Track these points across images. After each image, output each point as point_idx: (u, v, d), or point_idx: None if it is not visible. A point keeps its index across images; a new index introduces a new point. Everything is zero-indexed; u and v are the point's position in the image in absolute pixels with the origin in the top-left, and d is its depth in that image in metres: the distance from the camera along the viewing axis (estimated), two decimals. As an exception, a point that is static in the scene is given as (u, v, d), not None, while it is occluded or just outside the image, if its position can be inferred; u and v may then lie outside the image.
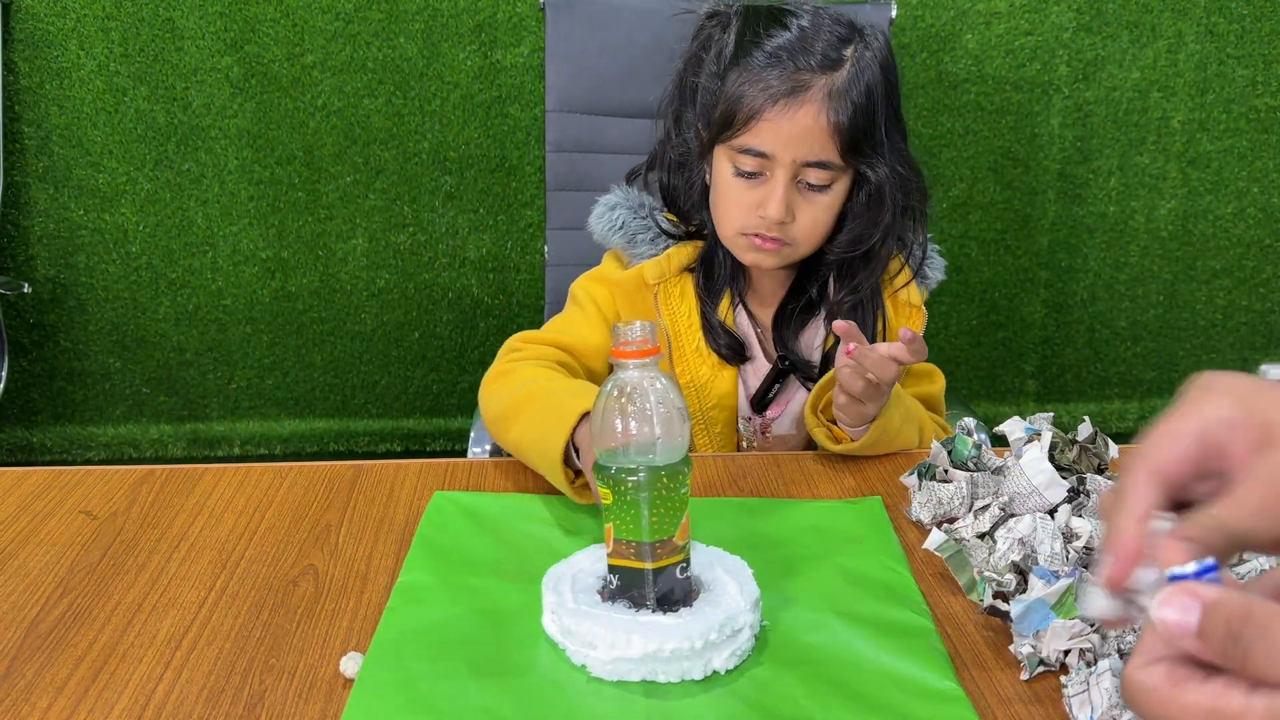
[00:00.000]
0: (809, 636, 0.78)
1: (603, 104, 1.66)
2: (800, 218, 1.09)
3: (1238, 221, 2.48)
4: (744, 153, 1.07)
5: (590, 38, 1.65)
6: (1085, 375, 2.61)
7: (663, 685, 0.73)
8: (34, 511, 0.96)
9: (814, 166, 1.06)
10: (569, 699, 0.72)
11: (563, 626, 0.76)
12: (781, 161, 1.06)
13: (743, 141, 1.06)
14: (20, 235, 2.30)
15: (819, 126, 1.04)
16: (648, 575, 0.75)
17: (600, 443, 0.76)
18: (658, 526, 0.74)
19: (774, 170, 1.06)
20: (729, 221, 1.11)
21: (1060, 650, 0.75)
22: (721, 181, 1.11)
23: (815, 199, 1.09)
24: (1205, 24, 2.30)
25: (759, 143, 1.05)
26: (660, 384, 0.75)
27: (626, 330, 0.75)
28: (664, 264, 1.17)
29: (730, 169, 1.09)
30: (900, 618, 0.81)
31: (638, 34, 1.61)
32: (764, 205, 1.07)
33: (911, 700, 0.72)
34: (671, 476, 0.74)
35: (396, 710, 0.71)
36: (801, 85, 1.04)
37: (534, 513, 0.95)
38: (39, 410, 2.45)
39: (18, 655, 0.77)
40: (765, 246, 1.10)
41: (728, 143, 1.08)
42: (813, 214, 1.09)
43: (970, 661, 0.77)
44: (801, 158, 1.06)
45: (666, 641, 0.72)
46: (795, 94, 1.04)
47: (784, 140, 1.05)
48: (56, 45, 2.18)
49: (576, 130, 1.68)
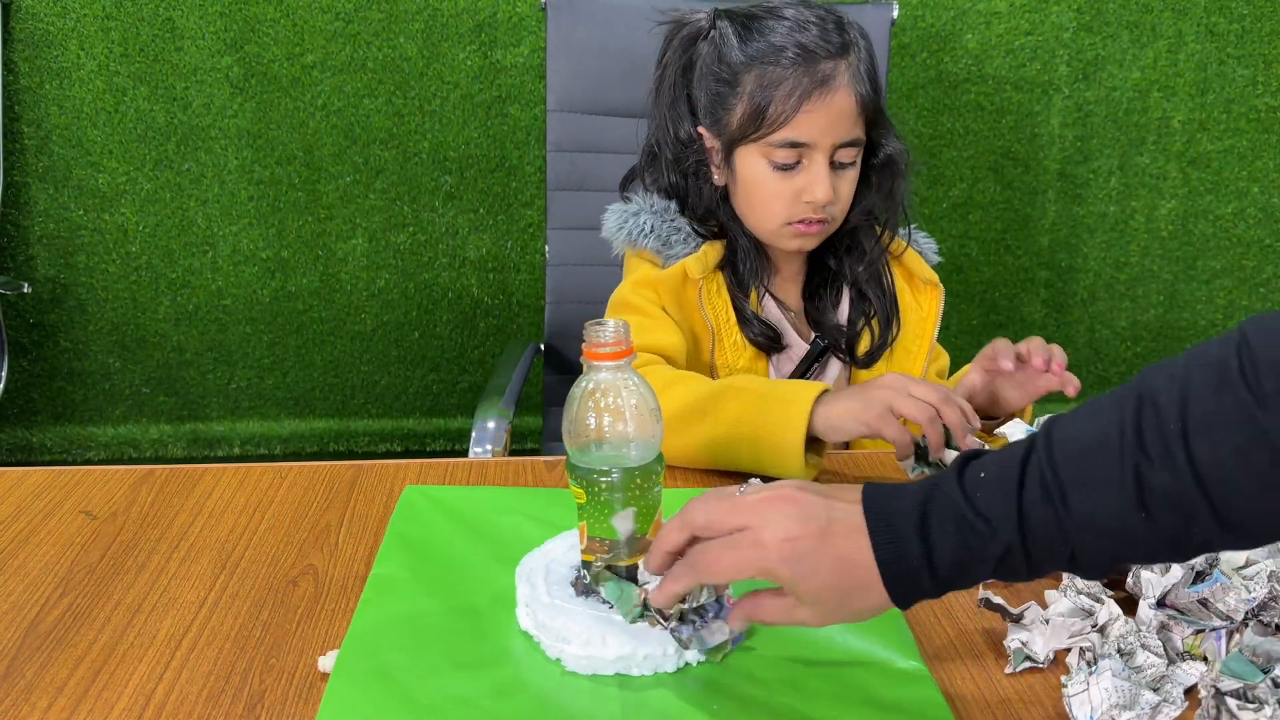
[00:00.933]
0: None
1: (603, 104, 1.66)
2: (839, 195, 1.14)
3: (1238, 221, 2.48)
4: (783, 147, 1.11)
5: (591, 37, 1.65)
6: (1085, 375, 2.61)
7: (637, 678, 0.74)
8: (34, 511, 0.96)
9: (846, 146, 1.12)
10: (544, 690, 0.73)
11: (537, 620, 0.76)
12: (820, 147, 1.11)
13: (782, 136, 1.10)
14: (20, 235, 2.30)
15: (849, 108, 1.10)
16: (621, 572, 0.75)
17: (573, 442, 0.75)
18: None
19: (812, 156, 1.11)
20: (772, 216, 1.15)
21: (1051, 649, 0.75)
22: (756, 178, 1.14)
23: (846, 175, 1.14)
24: (1205, 24, 2.30)
25: (798, 134, 1.10)
26: (633, 383, 0.75)
27: (599, 331, 0.74)
28: (703, 260, 1.18)
29: (764, 165, 1.12)
30: None
31: (638, 34, 1.60)
32: (810, 191, 1.11)
33: (878, 681, 0.73)
34: (645, 476, 0.74)
35: (373, 702, 0.71)
36: (831, 74, 1.09)
37: (506, 504, 0.96)
38: (39, 410, 2.45)
39: (17, 655, 0.77)
40: (811, 230, 1.15)
41: (761, 141, 1.11)
42: (847, 189, 1.15)
43: (965, 653, 0.77)
44: (838, 140, 1.11)
45: (641, 646, 0.73)
46: (827, 83, 1.09)
47: (822, 128, 1.10)
48: (56, 45, 2.18)
49: (577, 130, 1.68)
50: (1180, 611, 0.75)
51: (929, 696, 0.72)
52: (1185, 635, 0.74)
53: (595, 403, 0.74)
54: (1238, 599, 0.74)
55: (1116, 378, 2.62)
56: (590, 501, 0.75)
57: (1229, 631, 0.73)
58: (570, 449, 0.76)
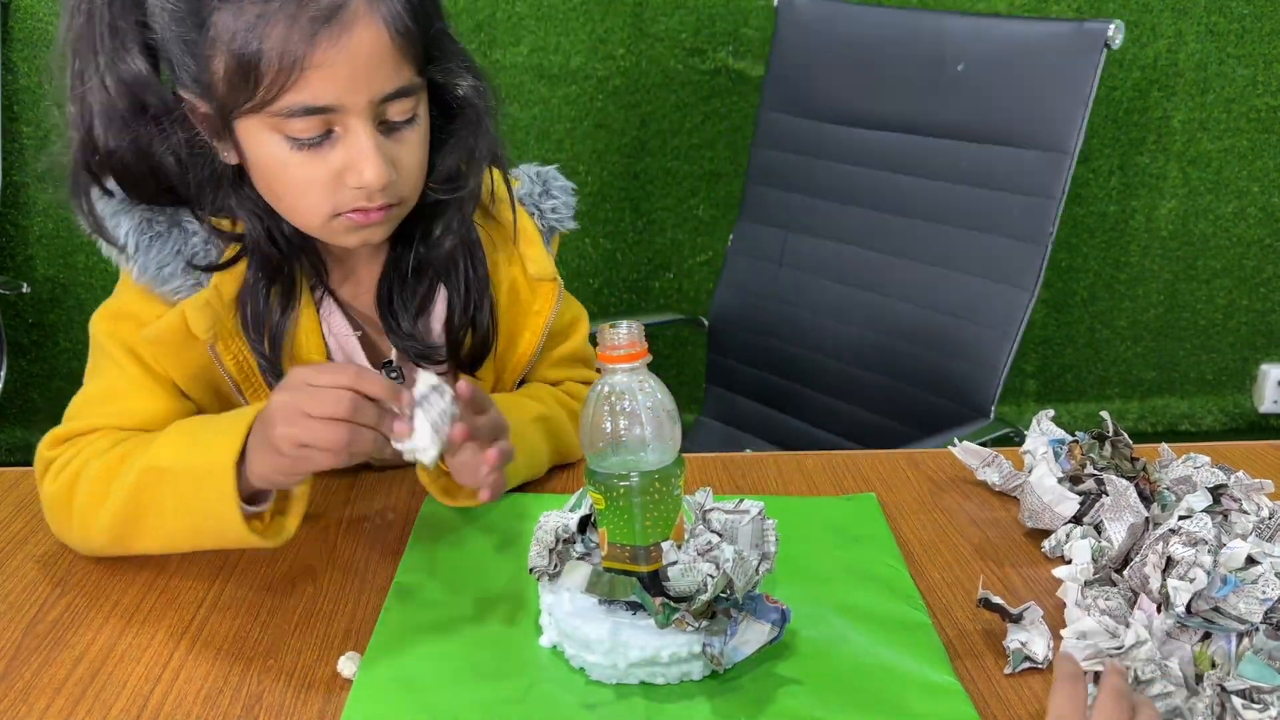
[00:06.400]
0: (807, 631, 0.78)
1: (818, 109, 1.64)
2: (402, 166, 0.84)
3: (1238, 221, 2.47)
4: (295, 116, 0.78)
5: (816, 42, 1.64)
6: (1085, 375, 2.61)
7: (662, 687, 0.73)
8: (32, 512, 0.96)
9: (393, 99, 0.81)
10: (568, 701, 0.72)
11: (560, 629, 0.75)
12: (354, 109, 0.79)
13: (289, 103, 0.77)
14: (19, 235, 2.29)
15: (382, 46, 0.78)
16: (644, 579, 0.74)
17: (590, 447, 0.75)
18: (651, 530, 0.74)
19: (346, 123, 0.80)
20: (310, 209, 0.84)
21: (1051, 651, 0.75)
22: (271, 161, 0.82)
23: (406, 137, 0.84)
24: (1205, 24, 2.30)
25: (313, 97, 0.77)
26: (649, 386, 0.74)
27: (613, 334, 0.73)
28: (214, 301, 0.87)
29: (279, 143, 0.80)
30: (897, 612, 0.81)
31: (863, 42, 1.59)
32: (354, 171, 0.81)
33: (909, 694, 0.72)
34: (664, 480, 0.73)
35: (395, 710, 0.71)
36: (336, 3, 0.76)
37: (527, 510, 0.95)
38: (38, 410, 2.45)
39: (16, 655, 0.77)
40: (372, 219, 0.84)
41: (262, 112, 0.78)
42: (412, 156, 0.85)
43: (964, 654, 0.77)
44: (376, 94, 0.79)
45: (665, 648, 0.72)
46: (336, 16, 0.76)
47: (347, 82, 0.78)
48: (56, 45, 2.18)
49: (786, 130, 1.67)
50: (1207, 620, 0.73)
51: (961, 711, 0.71)
52: (1194, 643, 0.73)
53: (610, 407, 0.73)
54: (1252, 601, 0.73)
55: (1116, 378, 2.61)
56: (609, 507, 0.74)
57: (1239, 634, 0.72)
58: (588, 454, 0.75)
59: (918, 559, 0.90)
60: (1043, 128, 1.42)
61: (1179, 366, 2.61)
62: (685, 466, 0.75)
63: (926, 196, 1.53)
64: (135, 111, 0.81)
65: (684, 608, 0.71)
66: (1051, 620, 0.79)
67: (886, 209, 1.57)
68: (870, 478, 1.03)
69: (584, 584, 0.72)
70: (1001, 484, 1.00)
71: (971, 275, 1.48)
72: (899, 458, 1.08)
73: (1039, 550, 0.91)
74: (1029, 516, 0.93)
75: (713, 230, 2.36)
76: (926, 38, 1.52)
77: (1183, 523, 0.78)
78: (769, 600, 0.74)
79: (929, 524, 0.95)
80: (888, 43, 1.56)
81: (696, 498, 0.82)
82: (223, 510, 0.79)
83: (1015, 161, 1.45)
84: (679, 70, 2.24)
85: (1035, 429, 1.00)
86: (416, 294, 0.95)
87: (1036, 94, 1.43)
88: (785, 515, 0.96)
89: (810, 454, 1.09)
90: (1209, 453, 0.95)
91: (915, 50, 1.53)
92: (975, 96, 1.48)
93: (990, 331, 1.45)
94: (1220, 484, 0.89)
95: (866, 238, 1.59)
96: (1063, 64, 1.41)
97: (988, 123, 1.47)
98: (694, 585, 0.73)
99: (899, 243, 1.56)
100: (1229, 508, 0.87)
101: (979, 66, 1.48)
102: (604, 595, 0.73)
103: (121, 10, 0.79)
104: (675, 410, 0.75)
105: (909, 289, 1.54)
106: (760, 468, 1.05)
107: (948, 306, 1.50)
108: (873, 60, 1.57)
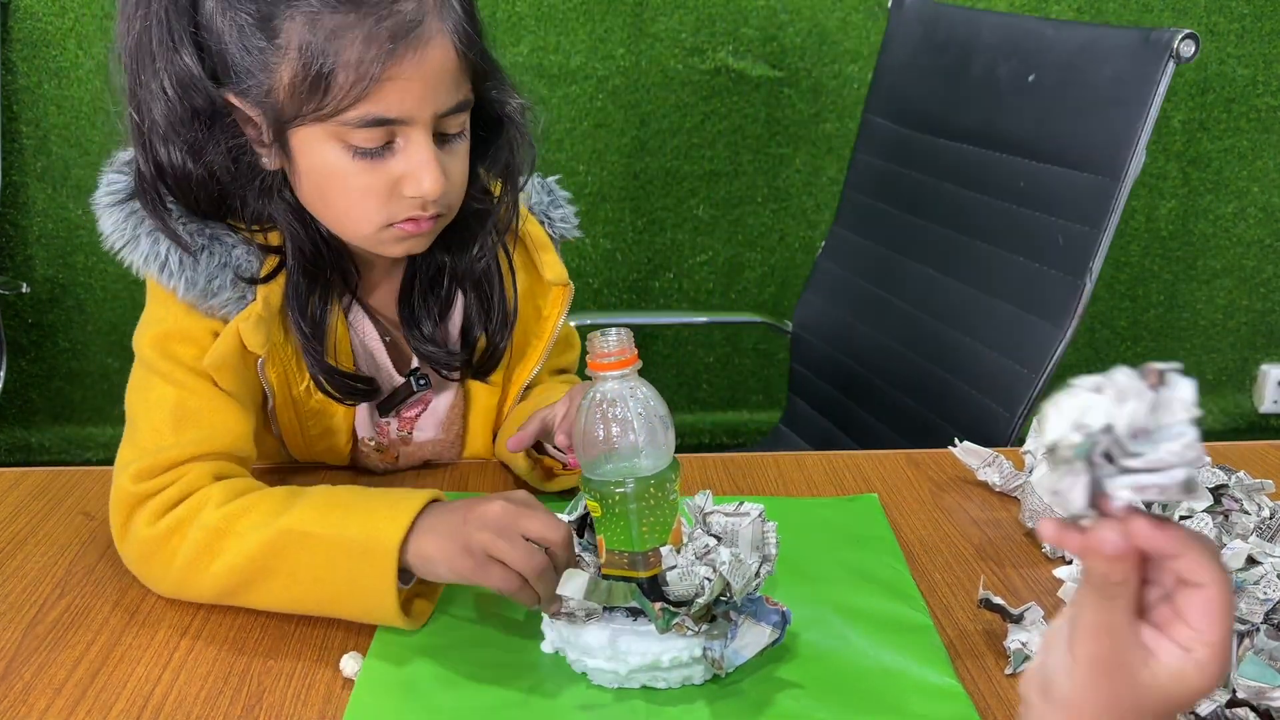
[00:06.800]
0: (808, 634, 0.78)
1: (910, 116, 1.54)
2: (451, 177, 0.85)
3: (1238, 221, 2.47)
4: (364, 126, 0.79)
5: (917, 46, 1.53)
6: (1085, 375, 2.61)
7: (663, 691, 0.73)
8: (32, 512, 0.96)
9: (453, 113, 0.83)
10: (569, 705, 0.72)
11: (561, 634, 0.75)
12: (419, 121, 0.81)
13: (361, 113, 0.78)
14: (19, 235, 2.29)
15: (450, 61, 0.81)
16: (643, 584, 0.74)
17: (584, 455, 0.75)
18: (649, 536, 0.73)
19: (409, 134, 0.81)
20: (363, 219, 0.84)
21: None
22: (328, 170, 0.82)
23: (456, 149, 0.86)
24: (1205, 24, 2.30)
25: (385, 109, 0.79)
26: (641, 392, 0.74)
27: (602, 341, 0.73)
28: (264, 315, 0.87)
29: (339, 152, 0.81)
30: (899, 614, 0.81)
31: (957, 46, 1.46)
32: (413, 181, 0.82)
33: (911, 696, 0.72)
34: (659, 485, 0.73)
35: (397, 712, 0.71)
36: (416, 15, 0.78)
37: None
38: (37, 410, 2.45)
39: (16, 656, 0.77)
40: (423, 228, 0.86)
41: (330, 120, 0.79)
42: (459, 168, 0.87)
43: (966, 654, 0.77)
44: (441, 108, 0.81)
45: (665, 653, 0.72)
46: (413, 34, 0.78)
47: (418, 96, 0.79)
48: (55, 45, 2.18)
49: (886, 139, 1.57)
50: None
51: (962, 713, 0.71)
52: None
53: (603, 414, 0.73)
54: (1253, 601, 0.73)
55: (1116, 378, 2.61)
56: (606, 514, 0.74)
57: (1239, 635, 0.72)
58: (582, 462, 0.75)
59: (918, 559, 0.90)
60: (1096, 148, 1.24)
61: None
62: (680, 470, 0.76)
63: (989, 215, 1.39)
64: (189, 115, 0.82)
65: (684, 612, 0.71)
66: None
67: (954, 227, 1.44)
68: (871, 478, 1.03)
69: (582, 591, 0.72)
70: (1002, 484, 1.00)
71: (1009, 303, 1.35)
72: (899, 458, 1.07)
73: (1040, 551, 0.91)
74: (1030, 517, 0.93)
75: (712, 230, 2.36)
76: (1009, 45, 1.38)
77: (1183, 523, 0.78)
78: (769, 602, 0.74)
79: (929, 524, 0.95)
80: (981, 48, 1.42)
81: (696, 500, 0.82)
82: (379, 587, 0.77)
83: (1067, 183, 1.28)
84: (679, 70, 2.24)
85: (1036, 429, 1.00)
86: (437, 300, 0.96)
87: (1093, 109, 1.26)
88: (786, 516, 0.96)
89: (810, 454, 1.09)
90: (1209, 453, 0.95)
91: (999, 58, 1.39)
92: (1038, 109, 1.33)
93: (1018, 368, 1.31)
94: (1221, 484, 0.89)
95: (939, 259, 1.46)
96: (1123, 76, 1.23)
97: (1045, 138, 1.32)
98: (692, 589, 0.73)
99: (966, 269, 1.42)
100: (1230, 508, 0.87)
101: (1043, 75, 1.32)
102: (603, 602, 0.73)
103: (176, 14, 0.80)
104: (668, 415, 0.75)
105: (950, 311, 1.43)
106: (761, 468, 1.05)
107: (984, 334, 1.38)
108: (963, 67, 1.44)
